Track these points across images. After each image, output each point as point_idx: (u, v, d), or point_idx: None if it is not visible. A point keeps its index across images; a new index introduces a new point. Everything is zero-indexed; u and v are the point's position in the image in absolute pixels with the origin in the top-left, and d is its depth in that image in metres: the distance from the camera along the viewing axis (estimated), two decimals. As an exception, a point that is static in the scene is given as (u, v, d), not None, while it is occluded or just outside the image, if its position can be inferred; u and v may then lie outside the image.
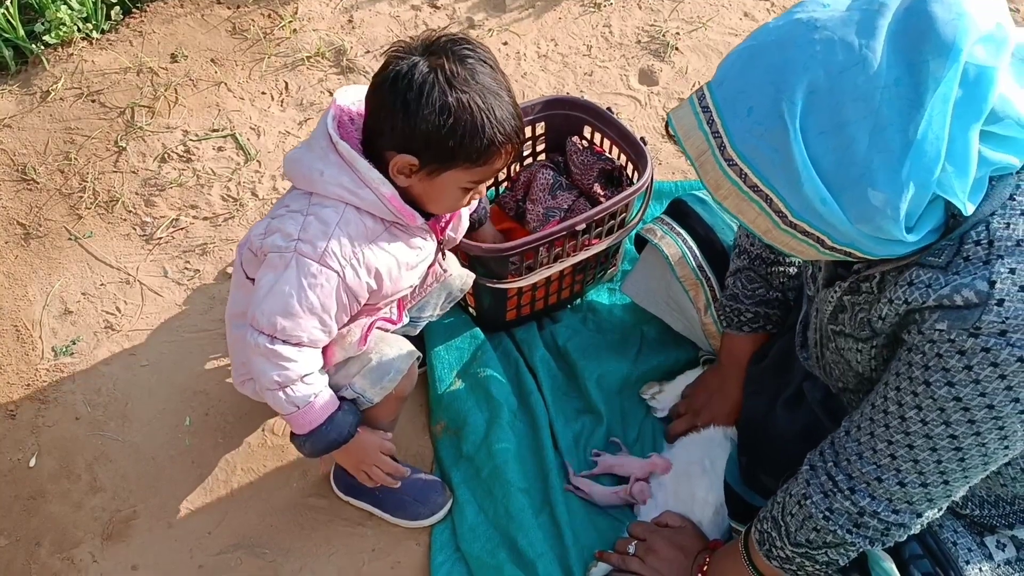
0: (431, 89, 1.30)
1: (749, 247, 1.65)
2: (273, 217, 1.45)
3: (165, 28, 2.58)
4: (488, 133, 1.34)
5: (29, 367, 1.97)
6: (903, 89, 0.94)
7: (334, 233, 1.39)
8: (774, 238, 1.06)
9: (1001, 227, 1.02)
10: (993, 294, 1.00)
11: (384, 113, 1.34)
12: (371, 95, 1.38)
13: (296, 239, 1.39)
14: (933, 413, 1.09)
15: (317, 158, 1.39)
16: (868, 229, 1.00)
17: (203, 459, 1.85)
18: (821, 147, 0.96)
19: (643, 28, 2.62)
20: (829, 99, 0.95)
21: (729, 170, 1.02)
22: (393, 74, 1.32)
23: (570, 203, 2.04)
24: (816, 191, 0.98)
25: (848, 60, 0.94)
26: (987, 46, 0.95)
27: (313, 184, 1.40)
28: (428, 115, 1.31)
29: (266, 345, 1.42)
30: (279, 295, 1.39)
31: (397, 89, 1.31)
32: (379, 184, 1.38)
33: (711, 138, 1.02)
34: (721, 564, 1.48)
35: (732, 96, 1.00)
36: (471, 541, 1.69)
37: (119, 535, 1.75)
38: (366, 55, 2.54)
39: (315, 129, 1.43)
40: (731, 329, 1.69)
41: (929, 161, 0.95)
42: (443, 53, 1.33)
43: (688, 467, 1.65)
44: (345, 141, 1.38)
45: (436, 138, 1.33)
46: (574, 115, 2.03)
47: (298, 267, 1.39)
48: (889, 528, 1.21)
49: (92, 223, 2.21)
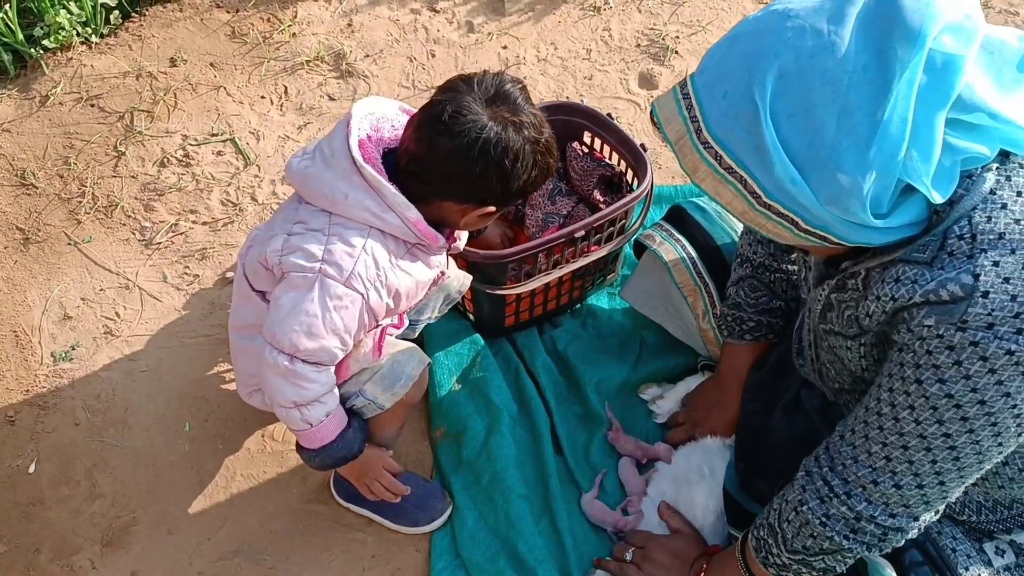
0: (523, 153, 1.37)
1: (752, 256, 1.65)
2: (290, 234, 1.42)
3: (164, 32, 2.58)
4: (553, 166, 1.45)
5: (28, 373, 1.97)
6: (871, 75, 0.96)
7: (360, 256, 1.38)
8: (751, 219, 1.08)
9: (983, 221, 1.04)
10: (978, 287, 1.01)
11: (473, 176, 1.37)
12: (451, 154, 1.36)
13: (321, 260, 1.37)
14: (926, 412, 1.09)
15: (339, 179, 1.38)
16: (837, 211, 1.02)
17: (203, 465, 1.85)
18: (791, 129, 0.99)
19: (643, 32, 2.62)
20: (798, 83, 0.98)
21: (705, 152, 1.05)
22: (483, 140, 1.34)
23: (569, 209, 2.04)
24: (786, 172, 1.00)
25: (817, 45, 0.97)
26: (955, 35, 0.97)
27: (335, 205, 1.39)
28: (522, 172, 1.38)
29: (286, 365, 1.41)
30: (302, 316, 1.38)
31: (491, 155, 1.35)
32: (405, 209, 1.38)
33: (689, 122, 1.05)
34: (718, 571, 1.48)
35: (710, 82, 1.04)
36: (471, 547, 1.69)
37: (118, 541, 1.75)
38: (365, 59, 2.54)
39: (330, 144, 1.41)
40: (732, 338, 1.69)
41: (893, 145, 0.97)
42: (501, 101, 1.37)
43: (688, 473, 1.65)
44: (368, 163, 1.37)
45: (520, 188, 1.41)
46: (574, 121, 2.03)
47: (322, 288, 1.38)
48: (886, 533, 1.21)
49: (91, 228, 2.21)
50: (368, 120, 1.44)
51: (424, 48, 2.58)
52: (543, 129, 1.40)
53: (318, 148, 1.43)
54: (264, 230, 1.51)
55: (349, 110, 1.45)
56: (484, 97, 1.36)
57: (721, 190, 1.07)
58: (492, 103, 1.36)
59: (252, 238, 1.57)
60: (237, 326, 1.60)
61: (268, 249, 1.43)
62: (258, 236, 1.53)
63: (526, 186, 1.41)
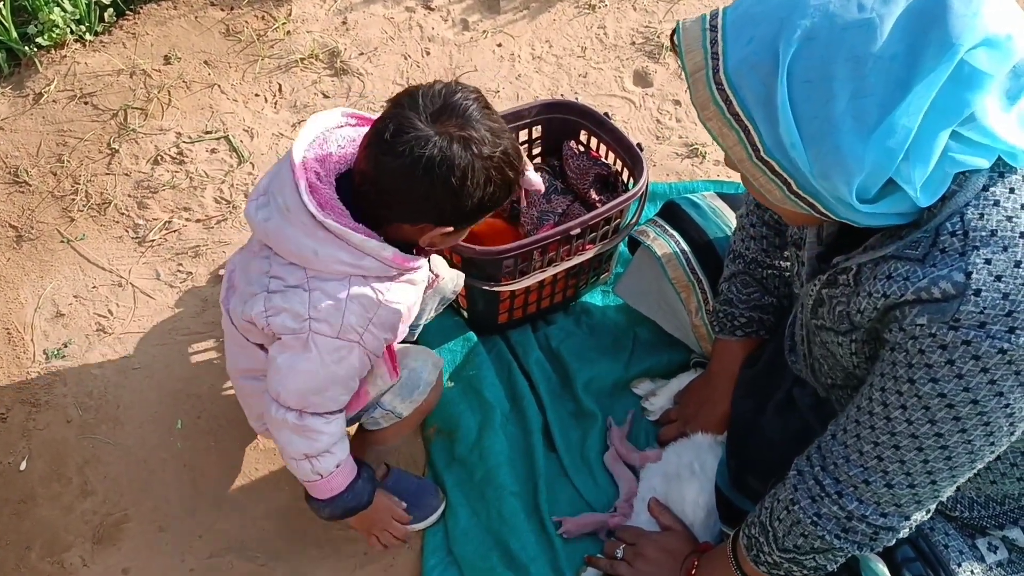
0: (471, 169, 1.26)
1: (744, 251, 1.65)
2: (269, 291, 1.37)
3: (158, 30, 2.57)
4: (515, 181, 1.35)
5: (20, 370, 1.97)
6: (896, 66, 0.94)
7: (347, 306, 1.34)
8: (747, 169, 1.06)
9: (975, 218, 1.03)
10: (970, 285, 1.00)
11: (419, 197, 1.28)
12: (396, 174, 1.27)
13: (308, 319, 1.34)
14: (918, 412, 1.09)
15: (303, 235, 1.30)
16: (826, 186, 1.01)
17: (195, 463, 1.84)
18: (802, 93, 0.97)
19: (638, 30, 2.62)
20: (824, 50, 0.96)
21: (716, 93, 1.02)
22: (427, 159, 1.24)
23: (565, 207, 2.03)
24: (789, 133, 0.99)
25: (855, 20, 0.95)
26: (991, 52, 0.95)
27: (307, 262, 1.33)
28: (473, 191, 1.28)
29: (295, 421, 1.41)
30: (303, 374, 1.37)
31: (435, 175, 1.25)
32: (379, 250, 1.32)
33: (709, 58, 1.03)
34: (709, 568, 1.48)
35: (740, 23, 1.01)
36: (464, 544, 1.69)
37: (110, 539, 1.75)
38: (360, 57, 2.54)
39: (281, 193, 1.32)
40: (724, 334, 1.69)
41: (895, 144, 0.96)
42: (449, 114, 1.27)
43: (679, 470, 1.65)
44: (326, 209, 1.30)
45: (476, 208, 1.31)
46: (571, 119, 2.02)
47: (317, 346, 1.35)
48: (877, 532, 1.20)
49: (84, 225, 2.20)
50: (312, 150, 1.35)
51: (419, 46, 2.57)
52: (498, 142, 1.29)
53: (270, 195, 1.35)
54: (240, 277, 1.46)
55: (290, 146, 1.36)
56: (430, 111, 1.27)
57: (726, 132, 1.04)
58: (438, 117, 1.26)
59: (230, 278, 1.51)
60: (240, 370, 1.56)
61: (252, 312, 1.39)
62: (235, 281, 1.47)
63: (484, 204, 1.31)
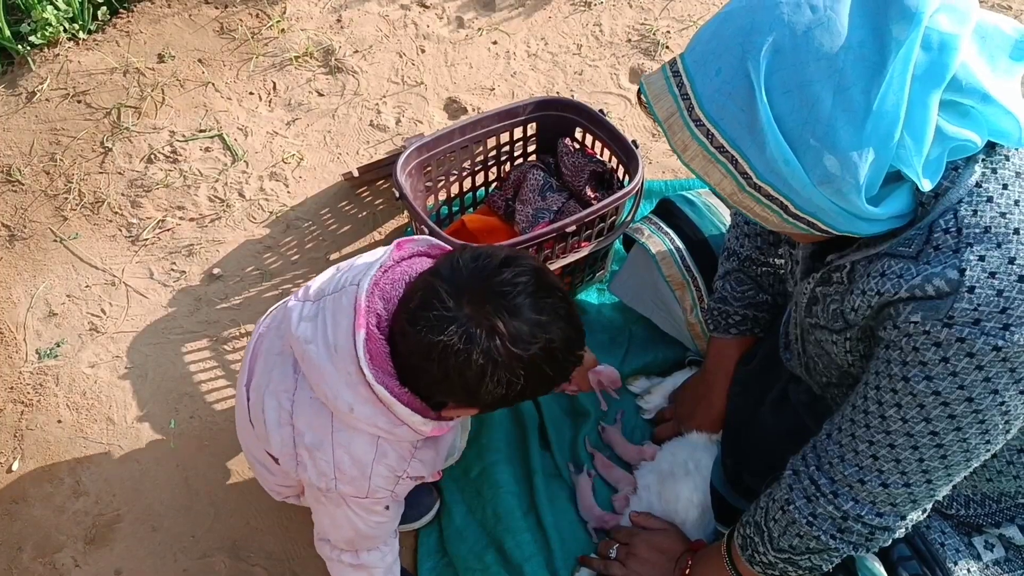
0: (492, 367, 1.12)
1: (739, 249, 1.64)
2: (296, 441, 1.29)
3: (152, 28, 2.56)
4: (558, 376, 1.21)
5: (12, 370, 1.96)
6: (867, 51, 0.95)
7: (373, 471, 1.28)
8: (739, 201, 1.06)
9: (969, 215, 1.02)
10: (964, 282, 1.00)
11: (436, 379, 1.16)
12: (413, 349, 1.16)
13: (334, 480, 1.28)
14: (912, 410, 1.08)
15: (344, 384, 1.20)
16: (829, 192, 1.00)
17: (188, 462, 1.83)
18: (785, 106, 0.97)
19: (633, 27, 2.61)
20: (793, 58, 0.96)
21: (696, 130, 1.02)
22: (443, 345, 1.12)
23: (560, 205, 2.02)
24: (780, 151, 0.98)
25: (813, 20, 0.95)
26: (950, 15, 0.96)
27: (337, 412, 1.24)
28: (494, 388, 1.14)
29: (351, 560, 1.43)
30: (346, 527, 1.38)
31: (450, 363, 1.12)
32: (420, 425, 1.23)
33: (680, 100, 1.03)
34: (703, 568, 1.47)
35: (702, 59, 1.02)
36: (458, 544, 1.68)
37: (102, 539, 1.74)
38: (355, 55, 2.53)
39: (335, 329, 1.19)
40: (718, 332, 1.68)
41: (889, 124, 0.96)
42: (485, 296, 1.13)
43: (673, 468, 1.64)
44: (375, 362, 1.18)
45: (500, 400, 1.18)
46: (566, 116, 2.02)
47: (350, 505, 1.34)
48: (873, 532, 1.19)
49: (77, 224, 2.19)
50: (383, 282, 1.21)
51: (413, 44, 2.56)
52: (540, 335, 1.13)
53: (321, 317, 1.23)
54: (261, 371, 1.36)
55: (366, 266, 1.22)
56: (466, 287, 1.13)
57: (711, 170, 1.04)
58: (473, 296, 1.13)
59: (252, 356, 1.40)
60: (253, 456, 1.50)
61: (276, 451, 1.33)
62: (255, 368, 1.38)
63: (509, 398, 1.17)
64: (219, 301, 2.07)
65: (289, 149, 2.33)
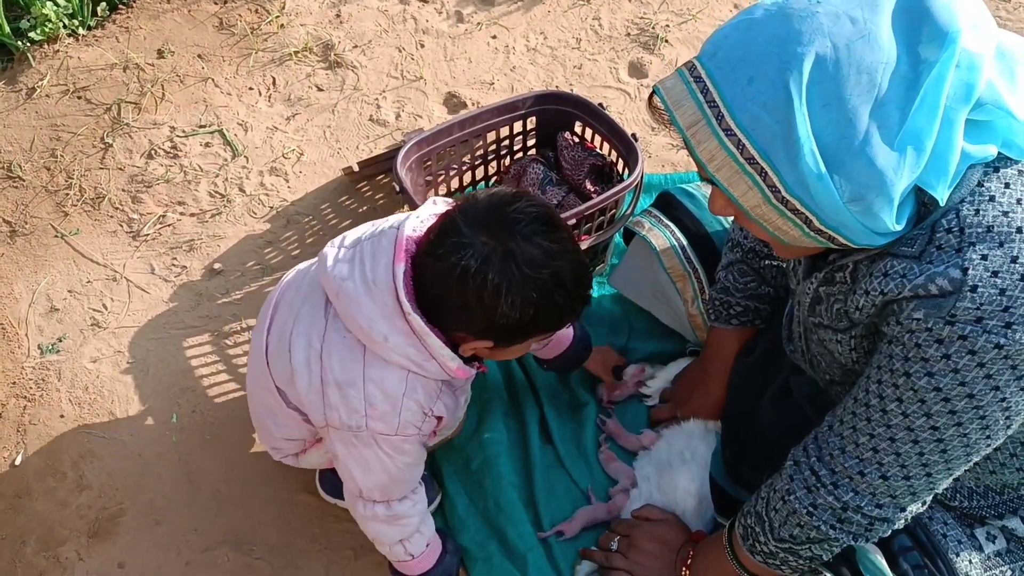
0: (508, 286, 1.19)
1: (742, 240, 1.64)
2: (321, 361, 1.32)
3: (151, 24, 2.57)
4: (567, 309, 1.27)
5: (15, 365, 1.96)
6: (903, 67, 0.94)
7: (403, 405, 1.32)
8: (761, 215, 1.04)
9: (971, 214, 1.02)
10: (966, 281, 1.00)
11: (455, 306, 1.23)
12: (434, 278, 1.23)
13: (365, 416, 1.32)
14: (914, 405, 1.08)
15: (380, 316, 1.26)
16: (858, 209, 0.99)
17: (190, 456, 1.84)
18: (823, 120, 0.96)
19: (632, 21, 2.61)
20: (835, 71, 0.94)
21: (727, 140, 1.00)
22: (462, 268, 1.19)
23: (560, 198, 2.03)
24: (814, 165, 0.97)
25: (854, 33, 0.94)
26: (975, 34, 0.96)
27: (372, 344, 1.29)
28: (508, 311, 1.21)
29: (385, 513, 1.44)
30: (376, 472, 1.39)
31: (469, 285, 1.19)
32: (448, 360, 1.29)
33: (707, 108, 1.00)
34: (705, 558, 1.48)
35: (729, 66, 0.99)
36: (461, 532, 1.69)
37: (105, 533, 1.74)
38: (354, 50, 2.53)
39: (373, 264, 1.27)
40: (719, 322, 1.68)
41: (922, 142, 0.96)
42: (500, 224, 1.21)
43: (670, 458, 1.65)
44: (413, 303, 1.25)
45: (515, 327, 1.24)
46: (565, 110, 2.02)
47: (380, 444, 1.36)
48: (872, 523, 1.20)
49: (78, 220, 2.19)
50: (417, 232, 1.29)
51: (413, 38, 2.56)
52: (551, 263, 1.21)
53: (359, 255, 1.30)
54: (286, 315, 1.40)
55: (404, 215, 1.31)
56: (482, 217, 1.21)
57: (737, 181, 1.02)
58: (489, 225, 1.21)
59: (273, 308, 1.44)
60: (264, 406, 1.51)
61: (302, 395, 1.36)
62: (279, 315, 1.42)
63: (524, 326, 1.24)
64: (220, 296, 2.07)
65: (289, 144, 2.33)
